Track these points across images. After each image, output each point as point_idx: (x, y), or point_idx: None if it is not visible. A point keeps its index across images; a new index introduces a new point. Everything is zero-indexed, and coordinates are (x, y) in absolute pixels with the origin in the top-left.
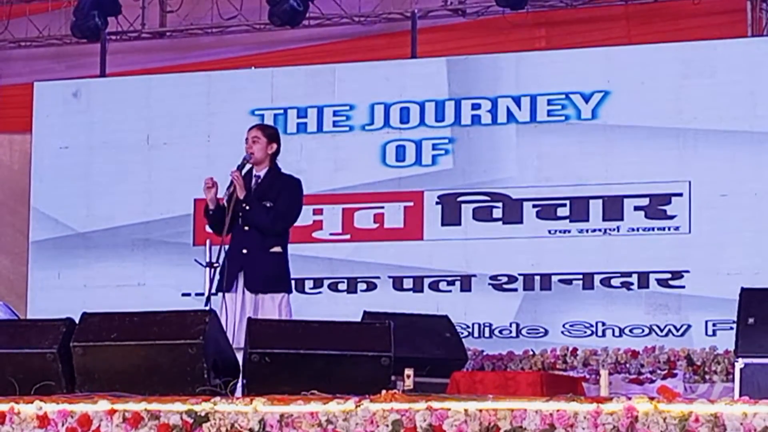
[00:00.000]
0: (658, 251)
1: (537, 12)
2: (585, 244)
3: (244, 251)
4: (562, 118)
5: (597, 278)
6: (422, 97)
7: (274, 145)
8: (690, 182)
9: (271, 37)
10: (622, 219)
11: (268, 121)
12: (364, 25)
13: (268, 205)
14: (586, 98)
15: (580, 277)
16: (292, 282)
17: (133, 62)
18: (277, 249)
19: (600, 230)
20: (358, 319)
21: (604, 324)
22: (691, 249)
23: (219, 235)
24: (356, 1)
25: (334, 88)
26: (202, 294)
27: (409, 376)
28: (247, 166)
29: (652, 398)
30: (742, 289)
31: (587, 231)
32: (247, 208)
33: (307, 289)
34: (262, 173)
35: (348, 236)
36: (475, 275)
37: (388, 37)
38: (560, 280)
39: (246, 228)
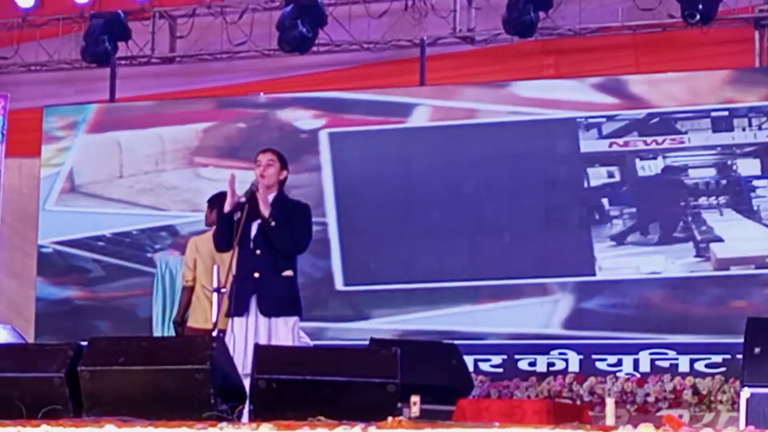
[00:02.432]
0: None
1: (546, 40)
2: None
3: (256, 275)
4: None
5: None
6: None
7: (285, 172)
8: None
9: (281, 64)
10: None
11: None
12: (373, 52)
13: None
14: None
15: None
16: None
17: (143, 87)
18: (289, 273)
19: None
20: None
21: None
22: None
23: (221, 248)
24: (365, 28)
25: None
26: None
27: (415, 403)
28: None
29: (658, 427)
30: (749, 319)
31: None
32: (273, 224)
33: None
34: (270, 198)
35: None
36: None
37: (397, 64)
38: None
39: (258, 252)
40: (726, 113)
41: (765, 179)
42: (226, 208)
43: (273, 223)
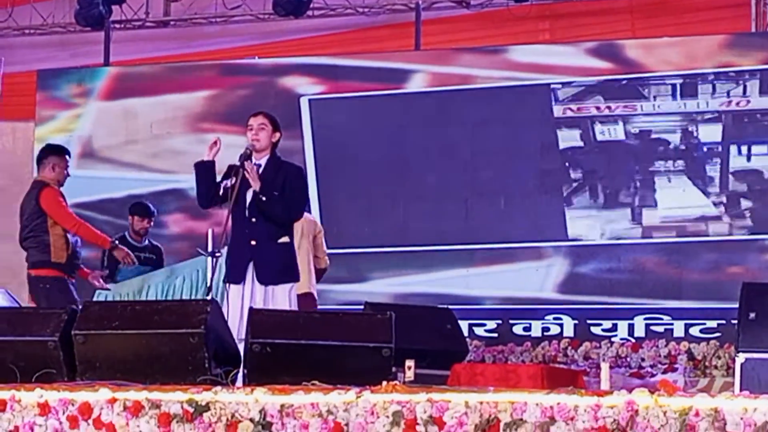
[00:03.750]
0: None
1: (541, 5)
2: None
3: (253, 243)
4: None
5: None
6: None
7: (278, 134)
8: None
9: (275, 28)
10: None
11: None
12: (368, 16)
13: (275, 194)
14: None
15: None
16: None
17: (137, 51)
18: (285, 239)
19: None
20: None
21: None
22: None
23: (201, 204)
24: None
25: None
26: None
27: (410, 368)
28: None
29: (652, 392)
30: (744, 284)
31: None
32: (264, 199)
33: None
34: (263, 161)
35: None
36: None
37: (392, 28)
38: None
39: (253, 219)
40: (688, 80)
41: (720, 145)
42: (206, 157)
43: (264, 198)
